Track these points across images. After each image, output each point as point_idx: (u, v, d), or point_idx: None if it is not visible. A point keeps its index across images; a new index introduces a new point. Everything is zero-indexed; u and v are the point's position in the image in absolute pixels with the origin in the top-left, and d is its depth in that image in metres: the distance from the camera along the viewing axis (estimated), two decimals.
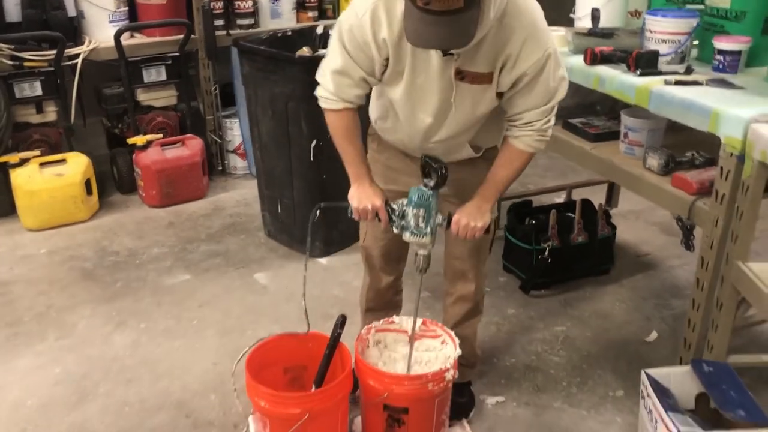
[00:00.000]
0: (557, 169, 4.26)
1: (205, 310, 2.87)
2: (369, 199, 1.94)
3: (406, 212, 1.91)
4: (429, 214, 1.88)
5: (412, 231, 1.91)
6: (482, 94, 1.82)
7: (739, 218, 2.04)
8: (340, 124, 1.94)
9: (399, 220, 1.93)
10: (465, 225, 1.91)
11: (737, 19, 2.44)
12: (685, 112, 2.16)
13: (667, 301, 2.95)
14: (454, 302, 2.27)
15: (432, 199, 1.88)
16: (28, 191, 3.41)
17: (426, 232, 1.90)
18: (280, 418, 1.90)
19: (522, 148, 1.88)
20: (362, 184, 1.97)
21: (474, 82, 1.79)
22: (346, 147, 1.97)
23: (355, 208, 1.96)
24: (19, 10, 3.47)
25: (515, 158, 1.90)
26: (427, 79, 1.80)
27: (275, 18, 4.08)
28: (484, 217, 1.92)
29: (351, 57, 1.81)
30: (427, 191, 1.87)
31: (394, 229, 1.96)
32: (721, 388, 2.00)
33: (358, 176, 1.98)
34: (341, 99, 1.89)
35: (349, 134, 1.95)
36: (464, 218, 1.91)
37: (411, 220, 1.90)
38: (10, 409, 2.32)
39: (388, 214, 1.94)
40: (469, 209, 1.92)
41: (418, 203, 1.88)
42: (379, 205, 1.93)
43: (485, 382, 2.45)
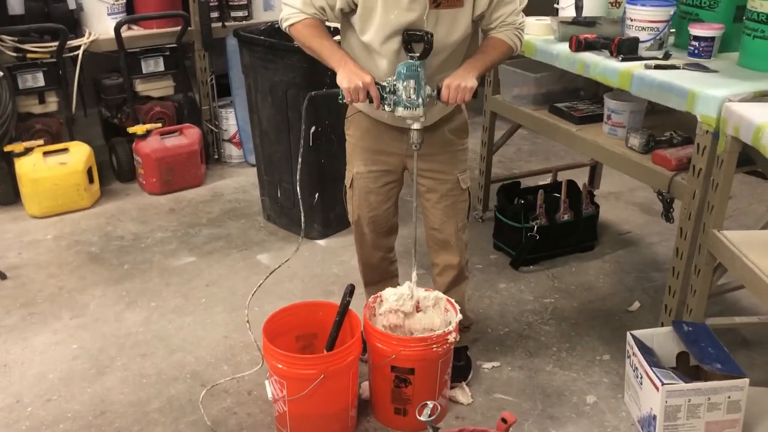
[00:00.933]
0: (541, 153, 4.45)
1: (212, 288, 3.00)
2: (358, 77, 1.93)
3: (397, 86, 1.94)
4: (419, 85, 1.92)
5: (405, 104, 1.94)
6: (456, 18, 1.99)
7: (714, 190, 2.22)
8: (309, 28, 2.03)
9: (390, 96, 1.95)
10: (456, 86, 1.96)
11: (711, 7, 2.62)
12: (665, 94, 2.34)
13: (648, 274, 3.14)
14: (440, 272, 2.42)
15: (420, 69, 1.92)
16: (32, 179, 3.51)
17: (418, 103, 1.94)
18: (296, 379, 2.05)
19: (504, 39, 2.09)
20: (347, 64, 1.97)
21: (449, 6, 1.96)
22: (322, 43, 2.02)
23: (346, 88, 1.94)
24: (22, 2, 3.55)
25: (498, 45, 2.09)
26: (400, 13, 1.93)
27: (268, 10, 4.21)
28: (472, 79, 1.98)
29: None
30: (415, 62, 1.91)
31: (386, 107, 1.98)
32: (699, 345, 2.18)
33: (341, 60, 1.99)
34: (304, 12, 2.02)
35: (321, 33, 2.03)
36: (454, 81, 1.96)
37: (402, 93, 1.93)
38: (33, 382, 2.44)
39: (379, 92, 1.95)
40: (457, 74, 1.99)
41: (408, 75, 1.91)
42: (369, 81, 1.93)
43: (481, 349, 2.62)
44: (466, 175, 2.29)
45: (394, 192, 2.35)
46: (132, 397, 2.38)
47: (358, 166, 2.29)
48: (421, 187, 2.28)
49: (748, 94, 2.19)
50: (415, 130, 2.02)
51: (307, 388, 2.03)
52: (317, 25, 2.06)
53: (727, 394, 2.04)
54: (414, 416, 1.83)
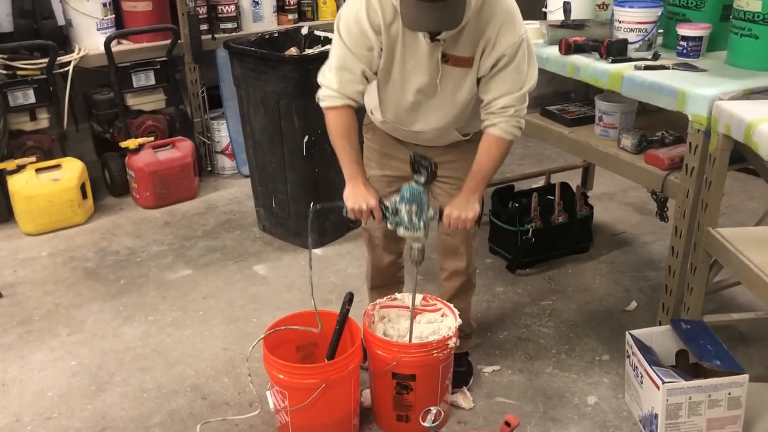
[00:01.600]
0: (533, 156, 4.47)
1: (209, 301, 3.00)
2: (364, 199, 2.03)
3: (399, 209, 2.01)
4: (421, 209, 2.00)
5: (406, 226, 2.02)
6: (463, 78, 2.01)
7: (707, 188, 2.24)
8: (340, 123, 2.05)
9: (393, 217, 2.03)
10: (456, 217, 2.03)
11: (698, 7, 2.64)
12: (655, 94, 2.36)
13: (644, 273, 3.15)
14: (447, 277, 2.43)
15: (423, 194, 1.99)
16: (26, 197, 3.50)
17: (419, 226, 2.01)
18: (298, 389, 2.05)
19: (500, 134, 2.01)
20: (356, 184, 2.06)
21: (456, 65, 1.98)
22: (343, 147, 2.06)
23: (351, 208, 2.05)
24: (11, 20, 3.56)
25: (494, 146, 2.03)
26: (416, 65, 1.99)
27: (257, 21, 4.22)
28: (473, 207, 2.05)
29: (351, 51, 1.97)
30: (418, 187, 1.99)
31: (389, 226, 2.06)
32: (698, 342, 2.19)
33: (353, 177, 2.07)
34: (343, 95, 2.02)
35: (347, 134, 2.06)
36: (455, 211, 2.04)
37: (404, 216, 2.01)
38: (33, 400, 2.43)
39: (382, 212, 2.04)
40: (458, 202, 2.06)
41: (410, 199, 1.99)
42: (374, 205, 2.03)
43: (481, 353, 2.63)
44: None
45: None
46: (133, 413, 2.37)
47: (373, 169, 2.32)
48: (437, 191, 2.26)
49: (738, 92, 2.21)
50: (417, 248, 2.07)
51: (309, 398, 2.03)
52: (349, 120, 2.04)
53: (728, 390, 2.06)
54: (417, 422, 1.84)
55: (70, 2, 3.72)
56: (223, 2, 4.08)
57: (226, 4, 4.07)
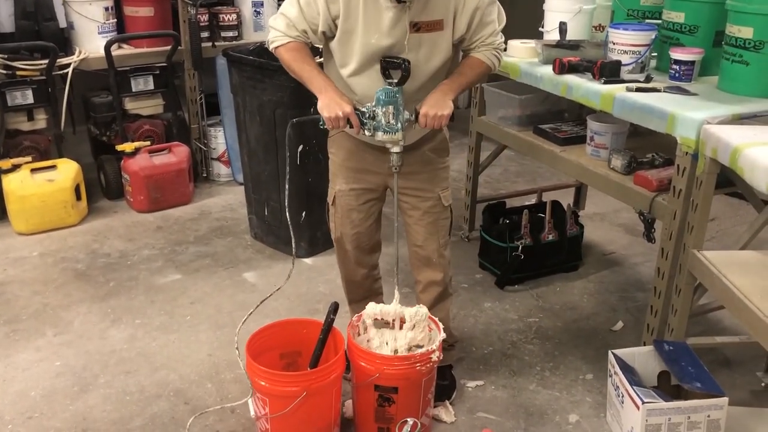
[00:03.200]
0: (527, 174, 4.49)
1: (197, 306, 3.00)
2: (339, 106, 1.99)
3: (376, 112, 1.99)
4: (398, 111, 1.98)
5: (384, 129, 2.00)
6: (436, 42, 2.04)
7: (694, 210, 2.25)
8: (292, 52, 2.08)
9: (370, 122, 2.01)
10: (433, 115, 2.02)
11: (691, 32, 2.67)
12: (646, 116, 2.38)
13: (632, 294, 3.16)
14: (423, 289, 2.43)
15: (398, 95, 1.98)
16: (20, 196, 3.51)
17: (397, 128, 2.00)
18: (279, 397, 2.05)
19: (482, 58, 2.13)
20: (328, 92, 2.02)
21: (429, 30, 2.01)
22: (303, 67, 2.07)
23: (327, 117, 2.00)
24: (12, 21, 3.59)
25: (475, 65, 2.14)
26: (381, 36, 1.99)
27: (258, 30, 4.26)
28: (448, 105, 2.04)
29: (302, 9, 2.03)
30: (393, 89, 1.98)
31: (366, 132, 2.03)
32: (680, 364, 2.20)
33: (323, 87, 2.03)
34: (288, 35, 2.07)
35: (303, 57, 2.08)
36: (431, 109, 2.02)
37: (382, 119, 1.99)
38: (15, 399, 2.43)
39: (359, 118, 2.01)
40: (433, 99, 2.03)
41: (387, 101, 1.97)
42: (349, 110, 1.99)
43: (465, 367, 2.63)
44: (447, 192, 2.32)
45: (376, 209, 2.38)
46: (114, 415, 2.37)
47: (340, 184, 2.32)
48: (403, 204, 2.31)
49: (727, 117, 2.23)
50: (395, 152, 2.07)
51: (289, 406, 2.03)
52: (300, 48, 2.09)
53: (707, 413, 2.06)
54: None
55: (73, 5, 3.76)
56: (225, 11, 4.12)
57: (228, 13, 4.12)
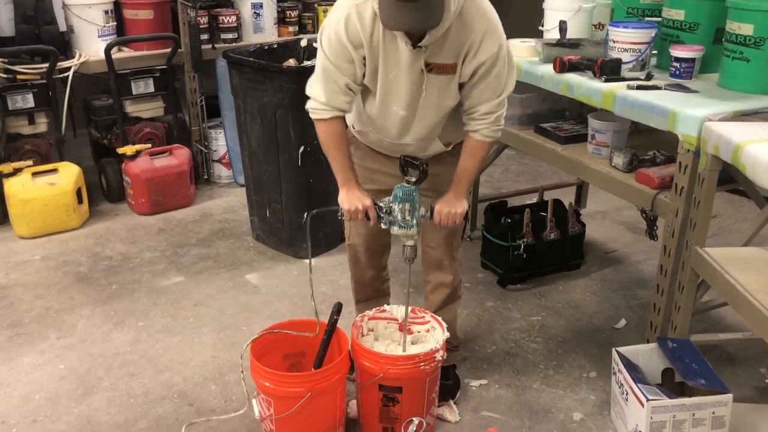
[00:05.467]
0: (528, 174, 4.49)
1: (200, 308, 3.00)
2: (359, 200, 2.12)
3: (393, 208, 2.10)
4: (414, 208, 2.08)
5: (400, 224, 2.10)
6: (448, 85, 2.04)
7: (696, 207, 2.26)
8: (330, 133, 2.12)
9: (387, 216, 2.12)
10: (447, 213, 2.14)
11: (691, 29, 2.67)
12: (647, 114, 2.38)
13: (634, 292, 3.16)
14: (432, 290, 2.44)
15: (415, 193, 2.08)
16: (21, 200, 3.51)
17: (412, 224, 2.10)
18: (284, 397, 2.05)
19: (481, 139, 2.12)
20: (351, 188, 2.15)
21: (441, 73, 2.01)
22: (335, 155, 2.15)
23: (347, 210, 2.14)
24: (13, 25, 3.59)
25: (477, 149, 2.14)
26: (399, 74, 2.01)
27: (257, 32, 4.26)
28: (462, 204, 2.17)
29: (333, 64, 2.01)
30: (410, 187, 2.07)
31: (383, 225, 2.14)
32: (684, 361, 2.20)
33: (347, 182, 2.16)
34: (331, 107, 2.06)
35: (338, 143, 2.13)
36: (445, 207, 2.14)
37: (398, 215, 2.09)
38: (19, 403, 2.43)
39: (376, 212, 2.12)
40: (447, 199, 2.16)
41: (403, 198, 2.07)
42: (369, 205, 2.12)
43: (469, 367, 2.63)
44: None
45: None
46: (119, 418, 2.37)
47: None
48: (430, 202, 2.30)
49: (728, 114, 2.23)
50: (409, 246, 2.14)
51: (294, 407, 2.03)
52: (339, 130, 2.11)
53: (712, 409, 2.06)
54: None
55: (73, 9, 3.76)
56: (225, 13, 4.12)
57: (227, 15, 4.12)
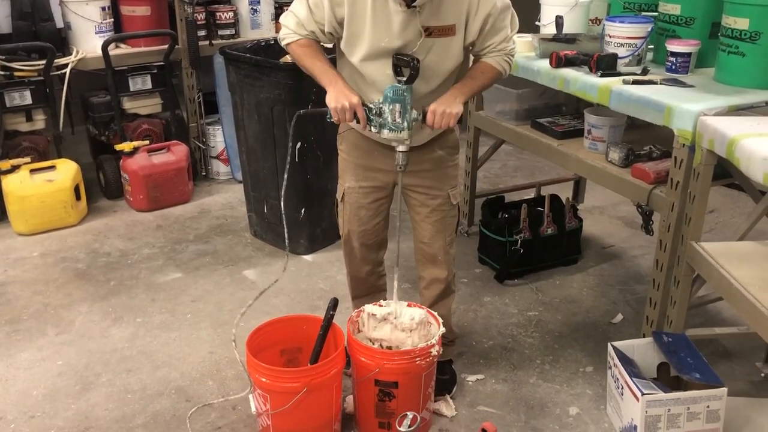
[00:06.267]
0: (526, 169, 4.50)
1: (198, 304, 3.01)
2: (346, 97, 1.99)
3: (383, 109, 1.99)
4: (405, 109, 1.97)
5: (390, 127, 2.00)
6: (448, 46, 2.03)
7: (691, 202, 2.26)
8: (303, 48, 2.10)
9: (376, 118, 2.00)
10: (441, 113, 2.00)
11: (687, 24, 2.67)
12: (642, 109, 2.38)
13: (631, 286, 3.17)
14: (427, 285, 2.44)
15: (406, 93, 1.97)
16: (19, 197, 3.52)
17: (403, 126, 1.99)
18: (280, 393, 2.06)
19: (493, 64, 2.11)
20: (336, 84, 2.03)
21: (441, 35, 2.00)
22: (313, 63, 2.09)
23: (333, 108, 2.00)
24: (10, 21, 3.58)
25: (486, 70, 2.12)
26: (392, 39, 1.99)
27: (255, 28, 4.25)
28: (458, 105, 2.02)
29: (311, 10, 2.04)
30: (401, 86, 1.96)
31: (372, 129, 2.03)
32: (679, 355, 2.21)
33: (332, 80, 2.05)
34: (298, 33, 2.09)
35: (314, 52, 2.10)
36: (440, 106, 2.01)
37: (388, 116, 1.98)
38: (17, 399, 2.44)
39: (366, 113, 2.01)
40: (443, 99, 2.03)
41: (394, 98, 1.97)
42: (356, 102, 1.99)
43: (465, 362, 2.64)
44: (456, 190, 2.33)
45: (384, 207, 2.38)
46: (116, 413, 2.38)
47: (349, 181, 2.33)
48: (412, 201, 2.31)
49: (723, 108, 2.23)
50: (401, 152, 2.06)
51: (290, 402, 2.04)
52: (311, 44, 2.11)
53: (706, 403, 2.07)
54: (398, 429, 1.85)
55: (69, 5, 3.76)
56: (222, 9, 4.12)
57: (225, 11, 4.12)
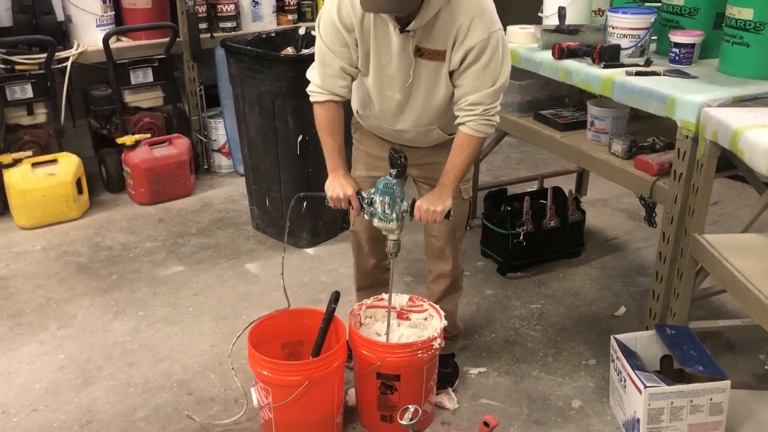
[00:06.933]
0: (529, 161, 4.48)
1: (200, 298, 3.01)
2: (342, 188, 2.11)
3: (374, 200, 2.09)
4: (394, 202, 2.06)
5: (380, 217, 2.09)
6: (437, 72, 2.02)
7: (695, 194, 2.24)
8: (324, 117, 2.13)
9: (368, 207, 2.11)
10: (426, 210, 2.07)
11: (691, 15, 2.65)
12: (645, 100, 2.37)
13: (634, 279, 3.16)
14: (434, 279, 2.44)
15: (396, 187, 2.05)
16: (21, 190, 3.51)
17: (392, 218, 2.08)
18: (281, 386, 2.05)
19: (470, 132, 2.05)
20: (337, 175, 2.14)
21: (431, 59, 2.00)
22: (327, 140, 2.15)
23: (330, 196, 2.13)
24: (10, 15, 3.58)
25: (465, 144, 2.07)
26: (390, 59, 2.02)
27: (256, 21, 4.24)
28: (444, 202, 2.08)
29: (328, 48, 2.04)
30: (392, 180, 2.05)
31: (365, 216, 2.13)
32: (682, 348, 2.20)
33: (335, 168, 2.15)
34: (326, 90, 2.09)
35: (332, 127, 2.13)
36: (425, 204, 2.08)
37: (378, 207, 2.08)
38: (20, 393, 2.44)
39: (359, 202, 2.11)
40: (430, 197, 2.10)
41: (384, 191, 2.06)
42: (351, 194, 2.10)
43: (468, 355, 2.63)
44: (468, 185, 2.32)
45: None
46: (119, 407, 2.38)
47: (360, 170, 2.35)
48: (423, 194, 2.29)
49: (727, 100, 2.22)
50: (392, 240, 2.12)
51: (292, 395, 2.04)
52: (334, 114, 2.12)
53: (709, 396, 2.06)
54: None
55: None
56: (223, 1, 4.10)
57: (226, 4, 4.10)
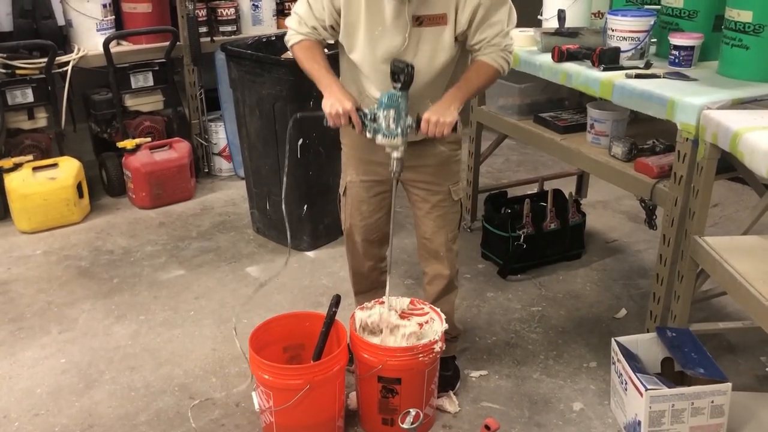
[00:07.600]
0: (529, 164, 4.49)
1: (201, 301, 3.01)
2: (340, 103, 1.99)
3: (378, 115, 1.98)
4: (399, 115, 1.96)
5: (384, 133, 1.98)
6: (439, 37, 2.01)
7: (695, 196, 2.25)
8: (304, 50, 2.12)
9: (371, 123, 2.00)
10: (435, 121, 1.98)
11: (690, 17, 2.66)
12: (645, 102, 2.37)
13: (635, 281, 3.16)
14: (429, 281, 2.44)
15: (401, 100, 1.95)
16: (22, 195, 3.52)
17: (397, 132, 1.97)
18: (283, 390, 2.05)
19: (489, 61, 2.06)
20: (333, 90, 2.03)
21: (431, 24, 1.99)
22: (312, 66, 2.10)
23: (328, 113, 2.01)
24: (11, 19, 3.58)
25: (483, 70, 2.07)
26: (384, 29, 1.99)
27: (256, 24, 4.24)
28: (452, 113, 2.00)
29: (310, 6, 2.07)
30: (396, 92, 1.95)
31: (367, 134, 2.02)
32: (683, 350, 2.20)
33: (328, 85, 2.05)
34: (300, 33, 2.11)
35: (314, 55, 2.11)
36: (434, 115, 1.99)
37: (382, 122, 1.97)
38: (21, 397, 2.44)
39: (360, 118, 2.01)
40: (437, 107, 2.01)
41: (388, 104, 1.95)
42: (350, 107, 1.99)
43: (469, 357, 2.63)
44: (458, 186, 2.32)
45: (386, 202, 2.37)
46: (120, 411, 2.38)
47: (351, 175, 2.33)
48: (413, 197, 2.31)
49: (727, 102, 2.22)
50: (395, 158, 2.04)
51: (293, 399, 2.04)
52: (312, 46, 2.12)
53: (710, 398, 2.06)
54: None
55: (71, 3, 3.75)
56: (223, 5, 4.11)
57: (226, 8, 4.10)
